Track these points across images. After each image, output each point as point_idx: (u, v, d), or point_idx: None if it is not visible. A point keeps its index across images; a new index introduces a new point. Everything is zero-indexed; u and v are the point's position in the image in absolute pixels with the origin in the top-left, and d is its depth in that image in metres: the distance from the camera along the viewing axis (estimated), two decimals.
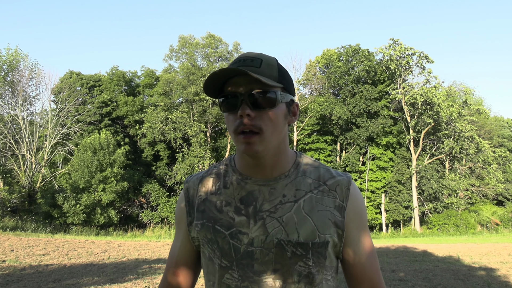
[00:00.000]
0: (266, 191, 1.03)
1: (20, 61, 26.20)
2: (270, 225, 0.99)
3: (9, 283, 6.48)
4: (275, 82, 0.98)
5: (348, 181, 1.07)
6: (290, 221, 0.99)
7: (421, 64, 31.08)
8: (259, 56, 1.00)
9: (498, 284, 7.21)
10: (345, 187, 1.05)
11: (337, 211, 1.03)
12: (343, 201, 1.04)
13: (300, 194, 1.02)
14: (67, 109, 28.16)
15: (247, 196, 1.03)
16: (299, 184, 1.04)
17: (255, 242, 0.99)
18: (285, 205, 1.01)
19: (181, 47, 34.96)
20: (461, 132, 29.66)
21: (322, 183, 1.05)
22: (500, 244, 16.39)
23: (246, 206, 1.02)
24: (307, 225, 0.99)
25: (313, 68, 35.35)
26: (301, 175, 1.05)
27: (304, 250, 0.98)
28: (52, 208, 23.65)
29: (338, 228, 1.02)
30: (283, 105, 1.01)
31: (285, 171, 1.05)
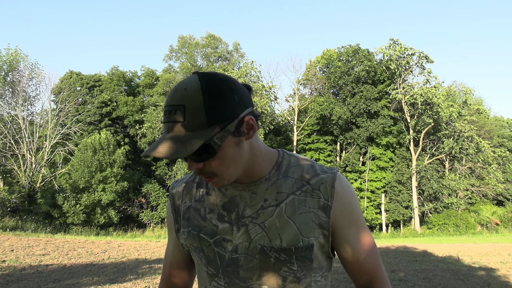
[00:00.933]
0: (247, 196, 1.00)
1: (20, 61, 26.21)
2: (253, 231, 0.97)
3: (9, 283, 6.48)
4: (205, 128, 0.85)
5: (332, 178, 1.01)
6: (272, 226, 0.96)
7: (421, 64, 31.10)
8: (181, 100, 0.86)
9: (498, 284, 7.21)
10: (329, 185, 1.00)
11: (321, 211, 0.98)
12: (328, 199, 0.99)
13: (281, 197, 0.99)
14: (67, 109, 28.16)
15: (229, 202, 1.01)
16: (281, 186, 1.00)
17: (239, 249, 0.97)
18: (267, 210, 0.98)
19: (181, 47, 34.99)
20: (461, 132, 29.67)
21: (305, 183, 1.00)
22: (500, 244, 16.39)
23: (228, 213, 1.00)
24: (290, 229, 0.96)
25: (313, 68, 35.37)
26: (282, 176, 1.01)
27: (288, 255, 0.96)
28: (52, 208, 23.66)
29: (323, 229, 0.98)
30: (228, 139, 0.89)
31: (265, 174, 1.01)
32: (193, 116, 0.85)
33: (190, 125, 0.85)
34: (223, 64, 35.21)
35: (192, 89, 0.87)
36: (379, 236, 26.91)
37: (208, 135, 0.85)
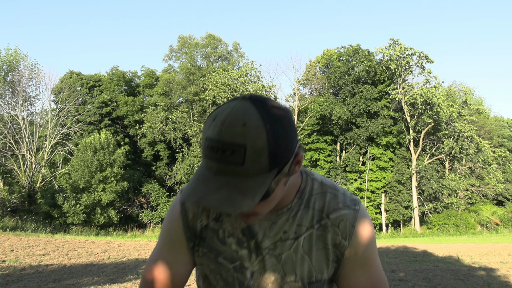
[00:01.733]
0: (267, 225, 0.96)
1: (20, 61, 26.21)
2: (268, 262, 0.96)
3: (9, 283, 6.48)
4: (266, 173, 0.75)
5: (354, 216, 0.97)
6: (288, 260, 0.96)
7: (421, 64, 31.11)
8: (241, 139, 0.72)
9: (498, 284, 7.21)
10: (349, 224, 0.96)
11: (337, 249, 0.97)
12: (345, 238, 0.96)
13: (301, 230, 0.96)
14: (67, 109, 28.16)
15: (248, 228, 0.97)
16: (301, 219, 0.97)
17: (254, 277, 0.97)
18: (286, 243, 0.96)
19: (181, 47, 34.98)
20: (461, 132, 29.67)
21: (325, 216, 0.97)
22: (500, 244, 16.39)
23: (248, 239, 0.97)
24: (305, 265, 0.96)
25: (313, 68, 35.38)
26: (304, 206, 0.97)
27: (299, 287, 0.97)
28: (52, 208, 23.65)
29: (335, 263, 0.98)
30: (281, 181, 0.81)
31: (287, 203, 0.97)
32: (254, 159, 0.73)
33: (250, 169, 0.74)
34: (223, 64, 35.22)
35: (254, 126, 0.73)
36: (379, 236, 26.92)
37: (269, 182, 0.76)
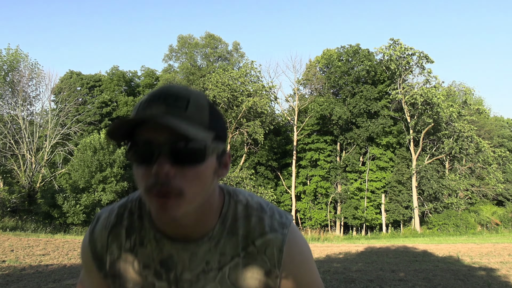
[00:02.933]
0: (186, 257, 0.87)
1: (20, 61, 26.22)
2: None
3: (9, 283, 6.48)
4: (205, 129, 0.76)
5: (281, 240, 0.88)
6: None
7: (421, 64, 31.11)
8: (185, 93, 0.78)
9: (498, 284, 7.22)
10: (277, 249, 0.87)
11: (268, 277, 0.88)
12: (275, 266, 0.87)
13: (225, 260, 0.87)
14: (67, 109, 28.17)
15: (166, 259, 0.88)
16: (224, 247, 0.87)
17: None
18: (209, 275, 0.87)
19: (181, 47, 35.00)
20: (461, 132, 29.68)
21: (250, 243, 0.88)
22: (500, 244, 16.39)
23: (166, 271, 0.88)
24: None
25: (313, 68, 35.39)
26: (227, 232, 0.88)
27: None
28: (52, 208, 23.65)
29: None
30: (214, 158, 0.80)
31: (209, 230, 0.87)
32: (196, 110, 0.76)
33: (193, 117, 0.75)
34: (223, 64, 35.23)
35: (196, 90, 0.81)
36: (379, 236, 26.93)
37: (209, 139, 0.76)
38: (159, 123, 0.71)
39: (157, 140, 0.74)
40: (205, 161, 0.77)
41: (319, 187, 30.67)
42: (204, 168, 0.77)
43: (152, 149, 0.74)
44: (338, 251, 14.15)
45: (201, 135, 0.73)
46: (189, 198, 0.76)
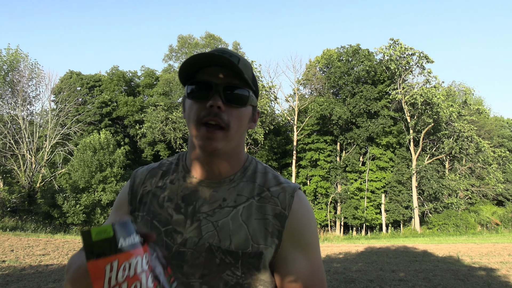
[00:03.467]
0: (208, 192, 0.99)
1: (20, 61, 26.21)
2: (204, 228, 0.95)
3: (9, 283, 6.48)
4: (250, 82, 0.96)
5: (293, 189, 1.00)
6: (225, 227, 0.95)
7: (421, 64, 31.12)
8: (236, 54, 0.97)
9: (498, 284, 7.22)
10: (288, 194, 0.98)
11: (277, 219, 0.96)
12: (285, 209, 0.96)
13: (240, 199, 0.98)
14: (67, 109, 28.16)
15: (189, 195, 1.00)
16: (242, 189, 0.99)
17: (188, 243, 0.95)
18: (223, 210, 0.96)
19: (181, 47, 35.01)
20: (461, 132, 29.69)
21: (265, 189, 0.99)
22: (500, 244, 16.39)
23: (186, 205, 0.99)
24: (242, 233, 0.94)
25: (313, 68, 35.38)
26: (246, 180, 1.01)
27: (234, 258, 0.93)
28: (52, 208, 23.65)
29: (275, 238, 0.95)
30: (250, 108, 1.00)
31: (231, 175, 1.01)
32: (244, 67, 0.94)
33: (243, 70, 0.92)
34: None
35: (243, 56, 0.99)
36: (379, 236, 26.92)
37: (251, 90, 0.97)
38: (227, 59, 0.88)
39: (214, 81, 0.93)
40: (246, 106, 0.97)
41: (319, 187, 30.66)
42: (245, 111, 0.97)
43: (209, 88, 0.92)
44: (338, 251, 14.15)
45: (248, 83, 0.94)
46: (231, 134, 0.94)
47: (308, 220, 0.99)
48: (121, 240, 0.60)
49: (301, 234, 0.97)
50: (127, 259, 0.60)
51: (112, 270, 0.59)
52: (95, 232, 0.61)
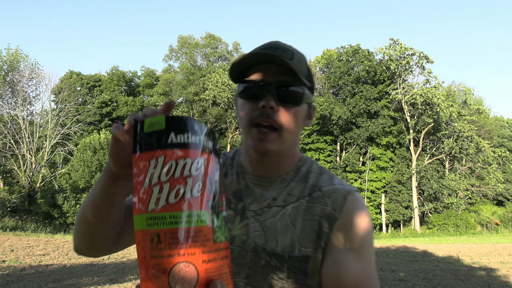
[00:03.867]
0: (258, 191, 0.96)
1: (20, 61, 26.23)
2: (252, 227, 0.92)
3: (9, 283, 6.48)
4: (305, 78, 0.90)
5: (347, 191, 0.91)
6: (272, 227, 0.91)
7: (421, 64, 31.13)
8: (290, 48, 0.92)
9: (498, 284, 7.22)
10: (341, 196, 0.90)
11: (325, 221, 0.88)
12: (335, 210, 0.89)
13: (290, 199, 0.93)
14: (67, 109, 28.17)
15: (240, 191, 0.97)
16: (293, 189, 0.95)
17: (235, 241, 0.93)
18: (272, 209, 0.93)
19: (181, 47, 35.01)
20: (461, 132, 29.70)
21: (317, 189, 0.93)
22: (500, 244, 16.39)
23: (237, 201, 0.96)
24: (288, 235, 0.89)
25: (313, 68, 35.40)
26: (298, 179, 0.96)
27: (279, 261, 0.88)
28: (52, 208, 23.66)
29: (322, 242, 0.88)
30: (305, 106, 0.93)
31: (283, 174, 0.97)
32: (298, 62, 0.89)
33: (296, 66, 0.86)
34: (223, 64, 35.23)
35: (298, 49, 0.94)
36: (379, 236, 26.92)
37: (305, 87, 0.91)
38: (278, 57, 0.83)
39: (266, 80, 0.87)
40: (301, 105, 0.91)
41: None
42: (299, 110, 0.91)
43: (261, 87, 0.87)
44: None
45: (302, 81, 0.87)
46: (285, 135, 0.89)
47: (362, 224, 0.89)
48: (172, 135, 0.55)
49: (354, 234, 0.87)
50: (174, 158, 0.54)
51: (156, 166, 0.54)
52: (148, 123, 0.56)
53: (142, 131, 0.56)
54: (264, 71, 0.88)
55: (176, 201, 0.53)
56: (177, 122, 0.56)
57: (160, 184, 0.53)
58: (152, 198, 0.54)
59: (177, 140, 0.55)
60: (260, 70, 0.88)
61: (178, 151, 0.54)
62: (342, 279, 0.83)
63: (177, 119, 0.56)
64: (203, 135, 0.58)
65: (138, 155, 0.56)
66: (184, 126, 0.56)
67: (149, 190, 0.54)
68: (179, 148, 0.54)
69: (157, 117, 0.57)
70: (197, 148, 0.56)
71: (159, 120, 0.56)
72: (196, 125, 0.57)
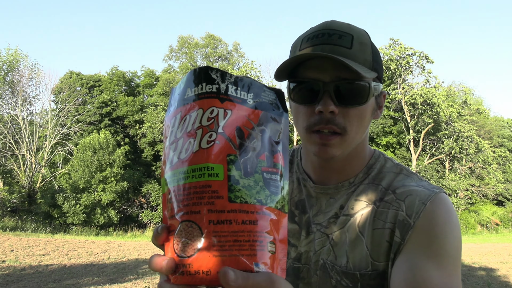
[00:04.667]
0: (324, 200, 0.84)
1: (20, 61, 26.24)
2: (318, 242, 0.81)
3: (9, 283, 6.48)
4: (369, 69, 0.75)
5: (427, 195, 0.74)
6: (340, 240, 0.79)
7: (421, 64, 31.13)
8: (348, 30, 0.75)
9: (498, 284, 7.22)
10: (419, 200, 0.74)
11: (398, 228, 0.74)
12: (410, 216, 0.73)
13: (359, 206, 0.80)
14: (67, 109, 28.18)
15: (303, 201, 0.86)
16: (362, 193, 0.81)
17: (302, 258, 0.82)
18: (339, 220, 0.81)
19: (181, 47, 35.04)
20: (461, 132, 29.72)
21: (391, 191, 0.79)
22: (500, 244, 16.40)
23: (300, 213, 0.85)
24: (359, 248, 0.77)
25: None
26: (369, 182, 0.83)
27: (351, 281, 0.76)
28: (52, 208, 23.67)
29: (391, 253, 0.75)
30: (373, 98, 0.79)
31: (351, 177, 0.84)
32: (360, 48, 0.74)
33: (358, 56, 0.73)
34: (223, 64, 35.23)
35: (357, 27, 0.78)
36: None
37: (371, 76, 0.74)
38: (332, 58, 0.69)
39: (322, 79, 0.73)
40: (367, 102, 0.76)
41: None
42: (365, 108, 0.77)
43: (317, 88, 0.74)
44: None
45: (366, 75, 0.72)
46: (350, 138, 0.76)
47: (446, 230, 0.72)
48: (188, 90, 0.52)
49: (435, 242, 0.71)
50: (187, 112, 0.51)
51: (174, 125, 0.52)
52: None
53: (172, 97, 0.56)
54: (319, 68, 0.74)
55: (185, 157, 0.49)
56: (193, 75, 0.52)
57: (176, 141, 0.51)
58: (168, 158, 0.51)
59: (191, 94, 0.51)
60: (314, 67, 0.74)
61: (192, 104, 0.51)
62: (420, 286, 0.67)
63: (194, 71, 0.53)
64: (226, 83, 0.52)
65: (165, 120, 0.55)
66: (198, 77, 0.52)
67: (168, 150, 0.52)
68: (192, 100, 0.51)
69: None
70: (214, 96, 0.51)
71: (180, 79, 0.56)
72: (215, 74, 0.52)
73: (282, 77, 0.77)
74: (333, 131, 0.75)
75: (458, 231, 0.74)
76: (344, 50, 0.72)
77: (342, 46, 0.72)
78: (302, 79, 0.76)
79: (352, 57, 0.72)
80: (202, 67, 0.52)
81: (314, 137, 0.76)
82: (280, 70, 0.75)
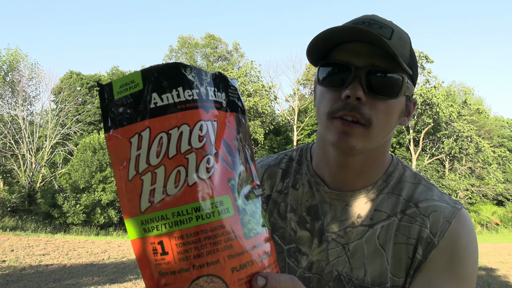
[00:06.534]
0: (339, 207, 0.79)
1: (20, 61, 26.24)
2: (333, 252, 0.77)
3: (9, 283, 6.48)
4: (406, 62, 0.71)
5: (451, 212, 0.74)
6: (358, 251, 0.75)
7: (420, 64, 31.12)
8: (389, 24, 0.72)
9: (498, 284, 7.22)
10: (443, 218, 0.73)
11: (421, 246, 0.73)
12: (435, 235, 0.72)
13: (379, 217, 0.76)
14: (67, 109, 28.19)
15: (316, 206, 0.81)
16: (381, 204, 0.77)
17: (314, 268, 0.78)
18: (357, 229, 0.77)
19: (181, 47, 35.05)
20: (460, 132, 29.73)
21: (413, 205, 0.76)
22: (500, 244, 16.40)
23: (313, 219, 0.80)
24: (379, 262, 0.74)
25: (313, 68, 35.39)
26: (388, 191, 0.79)
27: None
28: (52, 208, 23.66)
29: (411, 269, 0.73)
30: (403, 99, 0.74)
31: (369, 183, 0.79)
32: (399, 42, 0.71)
33: (394, 48, 0.68)
34: (223, 64, 35.24)
35: (399, 26, 0.74)
36: None
37: (405, 74, 0.71)
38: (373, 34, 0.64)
39: (355, 63, 0.69)
40: (398, 97, 0.71)
41: None
42: (395, 104, 0.72)
43: (348, 71, 0.69)
44: None
45: (402, 66, 0.68)
46: (373, 133, 0.71)
47: (469, 251, 0.73)
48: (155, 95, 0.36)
49: (457, 263, 0.72)
50: (164, 128, 0.36)
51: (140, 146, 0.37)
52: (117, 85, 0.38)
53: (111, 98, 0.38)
54: (353, 51, 0.70)
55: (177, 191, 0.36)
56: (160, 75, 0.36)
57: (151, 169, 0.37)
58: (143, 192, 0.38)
59: (163, 102, 0.36)
60: (348, 50, 0.70)
61: (169, 117, 0.36)
62: None
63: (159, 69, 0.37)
64: (204, 85, 0.38)
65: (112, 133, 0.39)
66: (171, 79, 0.36)
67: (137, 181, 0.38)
68: (169, 112, 0.36)
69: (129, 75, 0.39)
70: (198, 105, 0.37)
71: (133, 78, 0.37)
72: (191, 73, 0.38)
73: (313, 54, 0.73)
74: (357, 120, 0.69)
75: (477, 253, 0.75)
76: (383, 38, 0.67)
77: (382, 35, 0.68)
78: (334, 61, 0.72)
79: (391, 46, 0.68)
80: (172, 63, 0.38)
81: (336, 123, 0.70)
82: (313, 44, 0.70)
